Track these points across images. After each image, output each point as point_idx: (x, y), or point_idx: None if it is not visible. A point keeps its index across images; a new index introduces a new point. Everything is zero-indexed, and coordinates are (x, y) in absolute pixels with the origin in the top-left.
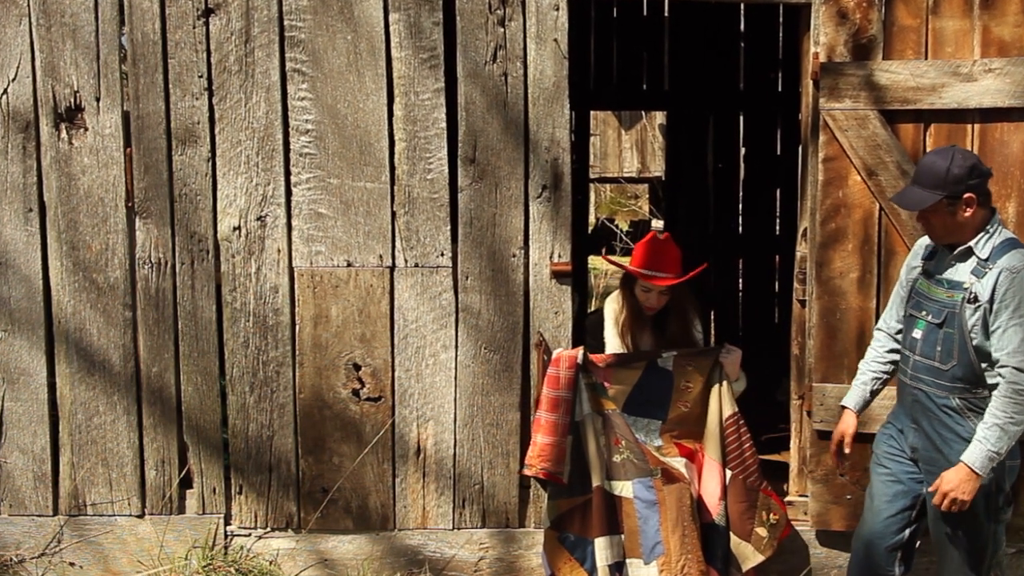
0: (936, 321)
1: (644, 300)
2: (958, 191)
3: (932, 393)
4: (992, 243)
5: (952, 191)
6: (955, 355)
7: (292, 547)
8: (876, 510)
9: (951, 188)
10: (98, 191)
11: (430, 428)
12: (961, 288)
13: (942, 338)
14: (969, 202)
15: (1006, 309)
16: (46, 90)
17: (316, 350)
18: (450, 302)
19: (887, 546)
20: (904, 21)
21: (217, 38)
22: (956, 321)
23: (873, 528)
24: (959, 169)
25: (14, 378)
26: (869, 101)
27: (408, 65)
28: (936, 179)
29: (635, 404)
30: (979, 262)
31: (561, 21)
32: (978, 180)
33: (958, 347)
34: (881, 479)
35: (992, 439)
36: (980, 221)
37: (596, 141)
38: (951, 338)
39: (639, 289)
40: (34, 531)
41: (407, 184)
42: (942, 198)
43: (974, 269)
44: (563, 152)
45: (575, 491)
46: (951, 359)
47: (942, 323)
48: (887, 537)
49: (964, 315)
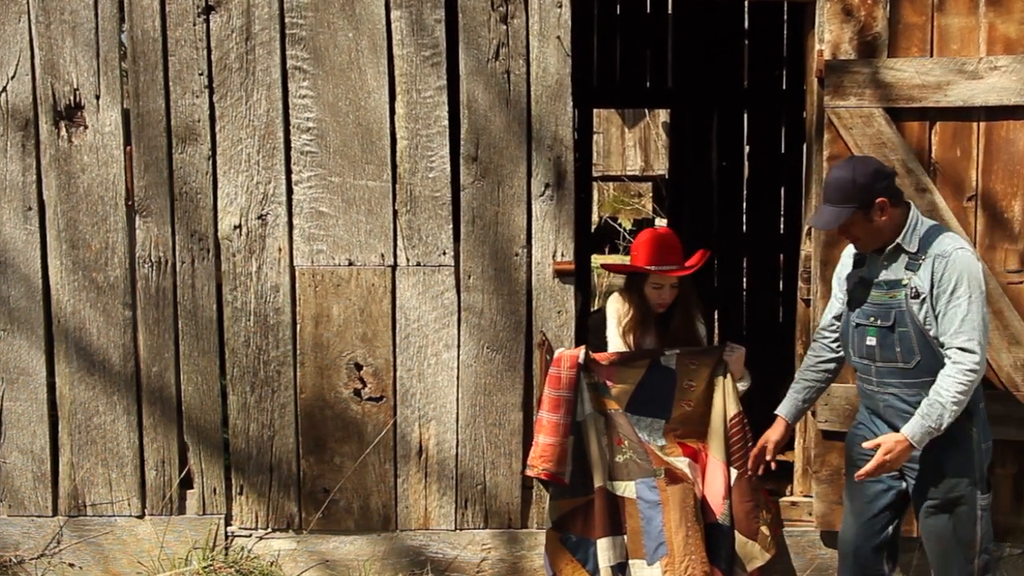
0: (887, 324)
1: (656, 298)
2: (869, 199)
3: (902, 394)
4: (917, 235)
5: (862, 200)
6: (916, 351)
7: (293, 548)
8: (858, 512)
9: (861, 198)
10: (98, 189)
11: (432, 428)
12: (900, 286)
13: (898, 338)
14: (882, 207)
15: (944, 293)
16: (45, 88)
17: (317, 349)
18: (452, 301)
19: (874, 546)
20: (909, 18)
21: (218, 35)
22: (906, 318)
23: (857, 531)
24: (863, 178)
25: (13, 378)
26: (874, 99)
27: (410, 62)
28: (844, 193)
29: (638, 403)
30: (910, 257)
31: (564, 18)
32: (885, 183)
33: (917, 343)
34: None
35: (933, 416)
36: (899, 220)
37: (599, 139)
38: (907, 336)
39: (650, 287)
40: (33, 532)
41: (409, 182)
42: (855, 210)
43: (907, 264)
44: (566, 150)
45: (577, 492)
46: (914, 355)
47: (892, 324)
48: (872, 537)
49: (912, 311)
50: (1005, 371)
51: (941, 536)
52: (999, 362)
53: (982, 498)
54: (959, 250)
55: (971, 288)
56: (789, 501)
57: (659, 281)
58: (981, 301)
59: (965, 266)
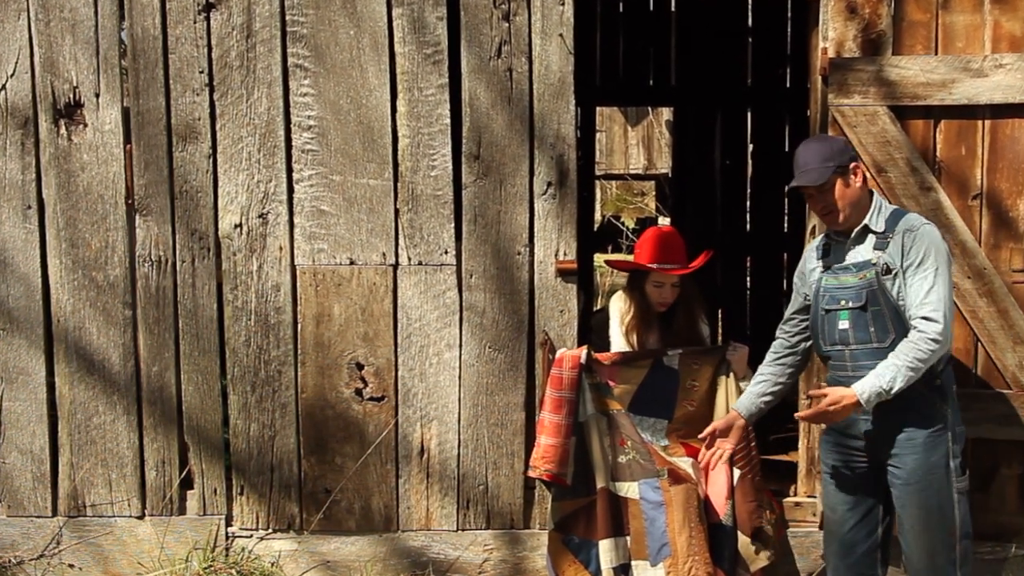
0: (858, 304)
1: (658, 296)
2: (844, 160)
3: None
4: (883, 216)
5: (840, 161)
6: (891, 328)
7: (294, 549)
8: (840, 521)
9: (838, 158)
10: (98, 188)
11: (434, 428)
12: (870, 265)
13: (871, 318)
14: (855, 170)
15: (911, 266)
16: (45, 86)
17: (318, 349)
18: (454, 300)
19: (863, 551)
20: (914, 16)
21: (218, 33)
22: (878, 297)
23: (842, 539)
24: (836, 143)
25: (12, 377)
26: (878, 97)
27: (412, 60)
28: (822, 155)
29: (641, 403)
30: (878, 236)
31: (567, 15)
32: (853, 152)
33: (891, 320)
34: (835, 490)
35: (887, 377)
36: (866, 198)
37: (602, 137)
38: (880, 314)
39: (651, 285)
40: (33, 532)
41: (411, 181)
42: (834, 168)
43: (876, 244)
44: (569, 148)
45: (579, 493)
46: (888, 334)
47: (864, 304)
48: (859, 543)
49: (885, 287)
50: (1011, 370)
51: (918, 520)
52: (1004, 361)
53: (958, 481)
54: (926, 225)
55: (938, 261)
56: (793, 502)
57: (660, 280)
58: (947, 275)
59: (933, 240)
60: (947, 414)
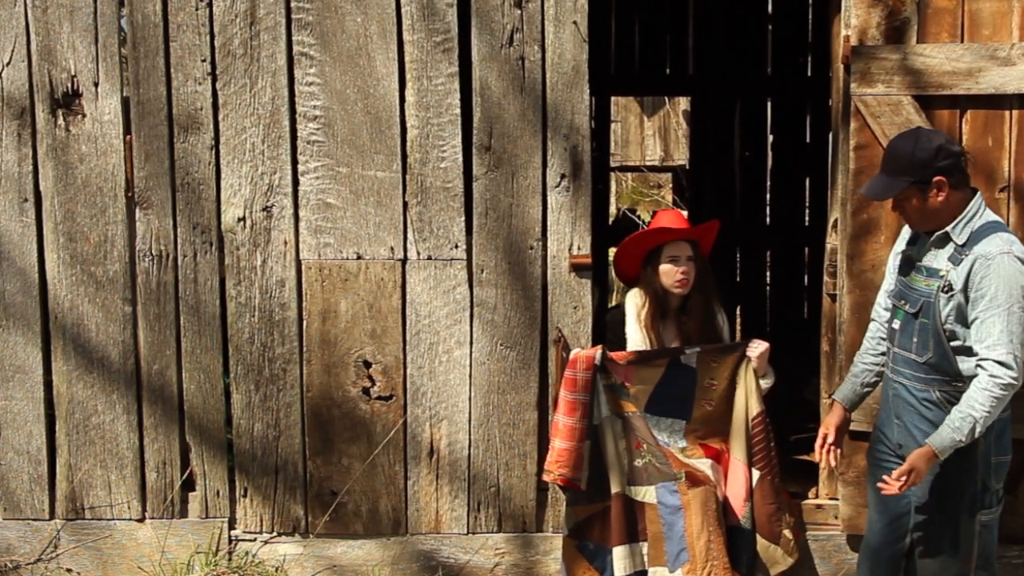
0: (913, 311)
1: (673, 274)
2: (926, 175)
3: (911, 386)
4: (971, 227)
5: (920, 176)
6: (930, 346)
7: (299, 552)
8: (871, 520)
9: (918, 173)
10: (96, 180)
11: (443, 428)
12: (938, 276)
13: (918, 329)
14: (940, 185)
15: (982, 299)
16: (42, 75)
17: (324, 346)
18: (464, 296)
19: (887, 556)
20: (939, 3)
21: (221, 20)
22: (931, 311)
23: (870, 539)
24: (924, 152)
25: (9, 376)
26: (902, 86)
27: (421, 48)
28: (901, 164)
29: (658, 403)
30: (956, 248)
31: (581, 2)
32: (947, 162)
33: (933, 338)
34: (870, 488)
35: (965, 430)
36: (956, 204)
37: (617, 128)
38: (926, 328)
39: (666, 262)
40: (30, 535)
41: (420, 173)
42: (910, 184)
43: (951, 256)
44: (583, 139)
45: (594, 498)
46: (927, 351)
47: (918, 313)
48: (884, 548)
49: (939, 305)
50: None
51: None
52: None
53: (984, 513)
54: (1004, 255)
55: (1012, 299)
56: (814, 504)
57: (675, 252)
58: (1021, 313)
59: (1007, 274)
60: (980, 441)
